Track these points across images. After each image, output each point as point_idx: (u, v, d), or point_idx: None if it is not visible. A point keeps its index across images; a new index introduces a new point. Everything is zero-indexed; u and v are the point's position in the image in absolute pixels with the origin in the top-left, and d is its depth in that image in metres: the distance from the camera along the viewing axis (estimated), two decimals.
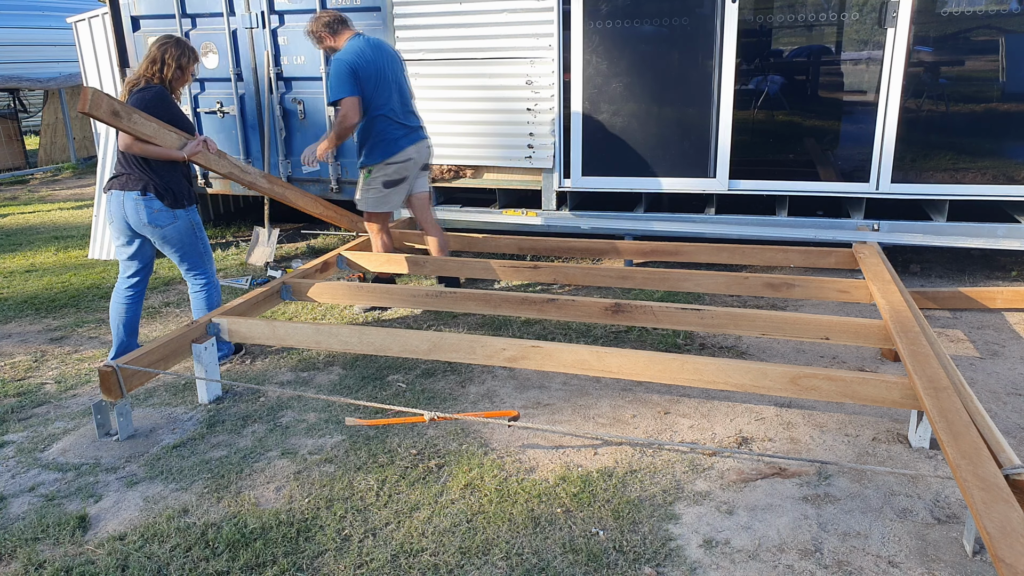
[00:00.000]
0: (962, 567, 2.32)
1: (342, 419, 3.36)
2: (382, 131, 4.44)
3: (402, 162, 4.53)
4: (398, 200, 4.70)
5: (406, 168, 4.57)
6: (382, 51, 4.41)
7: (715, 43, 4.95)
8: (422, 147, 4.63)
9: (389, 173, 4.54)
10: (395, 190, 4.62)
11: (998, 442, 2.38)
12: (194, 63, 3.84)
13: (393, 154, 4.49)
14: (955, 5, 4.58)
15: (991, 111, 4.71)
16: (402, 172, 4.57)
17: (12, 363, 4.20)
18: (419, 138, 4.60)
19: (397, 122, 4.46)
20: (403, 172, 4.57)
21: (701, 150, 5.18)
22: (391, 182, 4.57)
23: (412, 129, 4.56)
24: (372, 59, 4.32)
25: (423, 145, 4.64)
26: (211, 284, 3.99)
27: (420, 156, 4.63)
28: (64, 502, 2.83)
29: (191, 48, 3.81)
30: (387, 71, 4.40)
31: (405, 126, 4.51)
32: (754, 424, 3.25)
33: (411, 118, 4.57)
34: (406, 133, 4.51)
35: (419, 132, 4.61)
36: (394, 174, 4.55)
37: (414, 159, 4.58)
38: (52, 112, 12.42)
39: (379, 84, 4.36)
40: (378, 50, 4.39)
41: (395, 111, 4.45)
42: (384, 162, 4.51)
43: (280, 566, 2.41)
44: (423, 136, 4.64)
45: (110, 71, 6.55)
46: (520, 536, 2.53)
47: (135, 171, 3.70)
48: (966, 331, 4.20)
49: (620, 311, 3.76)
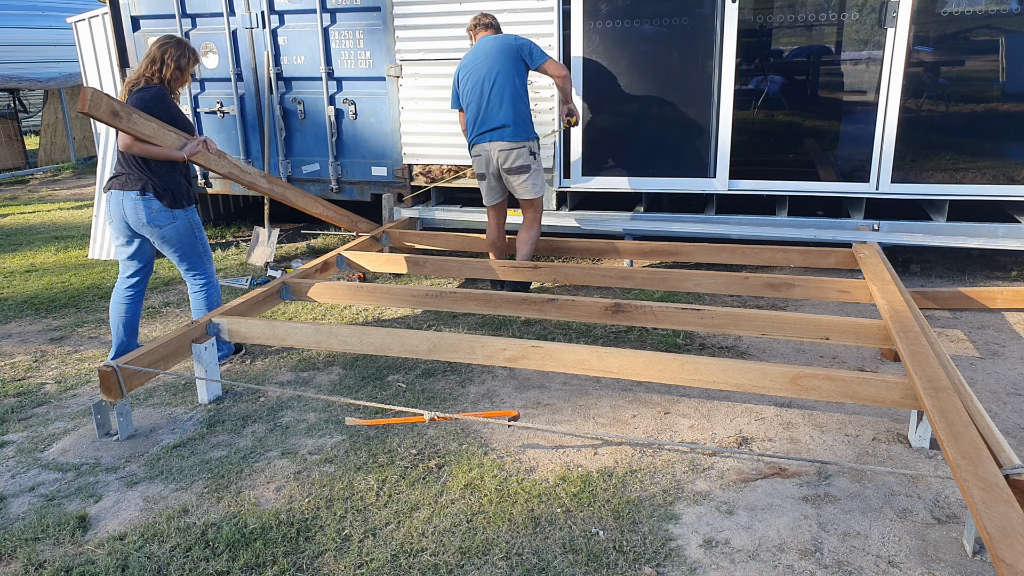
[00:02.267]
0: (962, 567, 2.32)
1: (342, 419, 3.36)
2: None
3: (475, 157, 4.70)
4: (492, 195, 4.79)
5: (480, 164, 4.68)
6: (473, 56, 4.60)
7: (715, 43, 4.95)
8: (492, 148, 4.57)
9: (473, 166, 4.79)
10: (483, 184, 4.78)
11: (998, 442, 2.38)
12: (194, 63, 3.84)
13: (470, 152, 4.74)
14: (955, 5, 4.58)
15: (991, 111, 4.71)
16: (479, 168, 4.70)
17: (12, 363, 4.20)
18: (484, 140, 4.59)
19: (470, 124, 4.65)
20: (480, 168, 4.70)
21: (701, 150, 5.18)
22: (476, 175, 4.81)
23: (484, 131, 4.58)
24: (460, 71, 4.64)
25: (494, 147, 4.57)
26: (211, 284, 3.99)
27: (491, 157, 4.60)
28: (64, 502, 2.83)
29: (191, 48, 3.82)
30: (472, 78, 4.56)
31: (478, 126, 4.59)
32: (754, 424, 3.25)
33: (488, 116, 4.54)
34: (477, 134, 4.62)
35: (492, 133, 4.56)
36: (475, 167, 4.77)
37: (483, 157, 4.63)
38: (52, 112, 12.42)
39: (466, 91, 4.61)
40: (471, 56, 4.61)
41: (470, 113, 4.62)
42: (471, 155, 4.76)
43: (280, 566, 2.41)
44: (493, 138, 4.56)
45: (110, 71, 6.55)
46: (520, 536, 2.53)
47: (134, 171, 3.70)
48: (966, 331, 4.20)
49: (620, 311, 3.76)
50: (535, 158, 4.64)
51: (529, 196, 4.67)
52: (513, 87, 4.49)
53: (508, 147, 4.53)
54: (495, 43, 4.54)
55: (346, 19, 5.65)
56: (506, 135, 4.52)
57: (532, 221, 4.82)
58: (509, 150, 4.53)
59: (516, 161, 4.56)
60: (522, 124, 4.56)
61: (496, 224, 4.96)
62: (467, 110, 4.64)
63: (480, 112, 4.55)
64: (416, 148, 5.73)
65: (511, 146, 4.53)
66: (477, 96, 4.53)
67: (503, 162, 4.57)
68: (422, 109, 5.61)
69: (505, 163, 4.57)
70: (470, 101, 4.59)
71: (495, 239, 5.00)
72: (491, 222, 4.96)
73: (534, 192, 4.67)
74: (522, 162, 4.56)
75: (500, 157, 4.56)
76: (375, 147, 5.87)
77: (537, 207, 4.78)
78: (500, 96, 4.49)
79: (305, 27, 5.77)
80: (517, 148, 4.53)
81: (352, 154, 5.95)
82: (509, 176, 4.62)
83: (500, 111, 4.50)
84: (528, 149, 4.58)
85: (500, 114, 4.50)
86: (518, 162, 4.56)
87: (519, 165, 4.57)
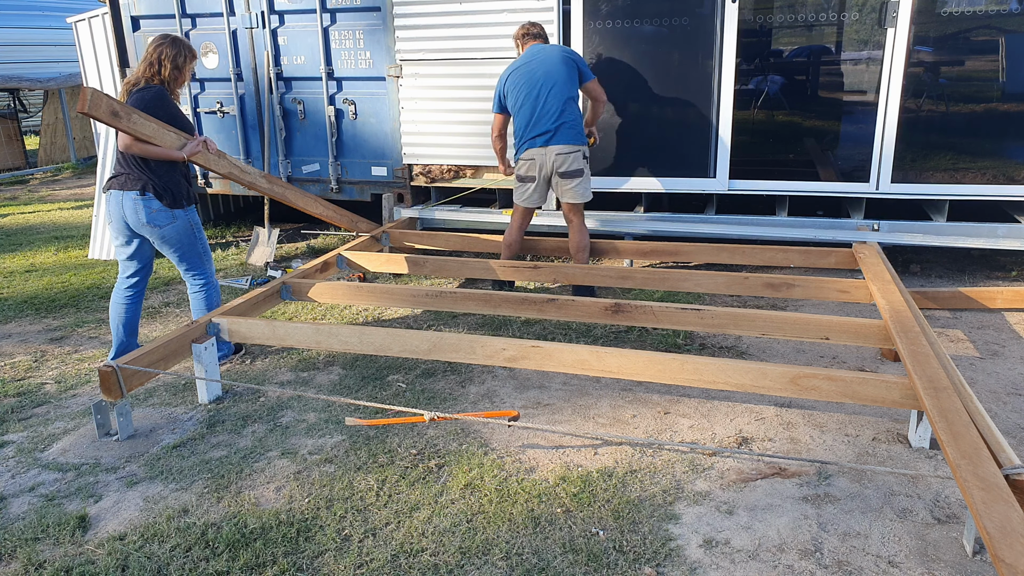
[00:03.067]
0: (962, 567, 2.32)
1: (342, 419, 3.36)
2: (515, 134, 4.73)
3: (527, 160, 4.64)
4: (533, 198, 4.74)
5: (531, 167, 4.63)
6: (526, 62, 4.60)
7: (715, 43, 4.95)
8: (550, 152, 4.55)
9: (519, 168, 4.73)
10: (526, 186, 4.73)
11: (998, 442, 2.38)
12: (191, 61, 3.82)
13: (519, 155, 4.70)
14: (955, 5, 4.58)
15: (991, 111, 4.71)
16: (530, 171, 4.65)
17: (12, 363, 4.20)
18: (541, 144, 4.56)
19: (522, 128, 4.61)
20: (531, 171, 4.65)
21: (701, 150, 5.18)
22: (521, 177, 4.74)
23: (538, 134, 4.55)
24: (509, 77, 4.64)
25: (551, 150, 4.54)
26: (210, 284, 3.99)
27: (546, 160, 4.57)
28: (64, 502, 2.83)
29: (187, 46, 3.80)
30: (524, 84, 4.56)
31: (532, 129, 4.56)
32: (754, 424, 3.25)
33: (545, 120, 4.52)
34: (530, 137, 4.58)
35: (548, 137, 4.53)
36: (522, 170, 4.72)
37: (537, 160, 4.59)
38: (52, 112, 12.42)
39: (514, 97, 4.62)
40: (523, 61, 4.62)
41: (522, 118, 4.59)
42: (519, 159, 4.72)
43: (280, 566, 2.41)
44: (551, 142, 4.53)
45: (110, 71, 6.55)
46: (520, 536, 2.53)
47: (134, 171, 3.70)
48: (966, 331, 4.20)
49: (620, 311, 3.76)
50: (587, 162, 4.64)
51: (578, 200, 4.66)
52: (570, 94, 4.51)
53: (566, 151, 4.52)
54: (553, 51, 4.57)
55: (346, 19, 5.65)
56: (564, 138, 4.52)
57: (582, 226, 4.80)
58: (567, 154, 4.52)
59: (572, 165, 4.55)
60: (578, 129, 4.56)
61: (520, 226, 4.93)
62: (518, 114, 4.61)
63: (535, 115, 4.52)
64: (416, 148, 5.73)
65: (569, 150, 4.52)
66: (532, 100, 4.51)
67: (559, 165, 4.54)
68: (422, 109, 5.61)
69: (561, 167, 4.55)
70: (522, 105, 4.57)
71: (513, 241, 4.96)
72: (516, 223, 4.92)
73: (583, 196, 4.66)
74: (577, 166, 4.56)
75: (557, 161, 4.53)
76: (375, 147, 5.87)
77: (580, 211, 4.78)
78: (559, 101, 4.48)
79: (305, 27, 5.77)
80: (574, 152, 4.54)
81: (352, 154, 5.95)
82: (562, 180, 4.59)
83: (558, 115, 4.49)
84: (582, 153, 4.58)
85: (558, 118, 4.49)
86: (574, 166, 4.55)
87: (574, 169, 4.56)
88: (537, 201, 4.78)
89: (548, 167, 4.59)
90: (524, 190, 4.75)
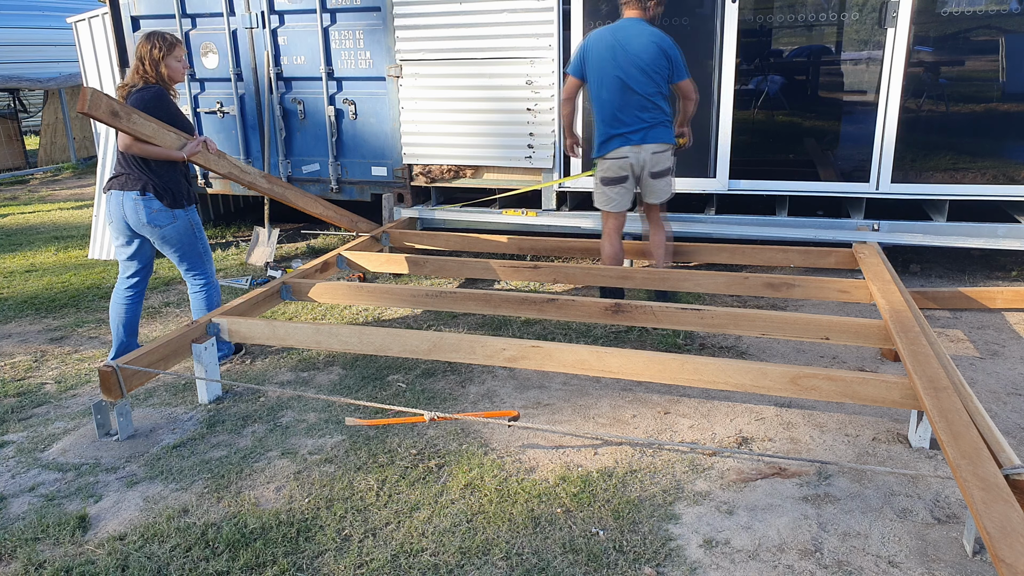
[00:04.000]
0: (962, 567, 2.32)
1: (342, 419, 3.36)
2: (595, 125, 4.35)
3: (618, 159, 4.28)
4: (622, 200, 4.39)
5: (622, 167, 4.29)
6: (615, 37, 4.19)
7: (715, 43, 4.95)
8: (646, 150, 4.24)
9: (605, 170, 4.35)
10: (615, 188, 4.36)
11: (998, 442, 2.38)
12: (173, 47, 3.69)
13: (604, 152, 4.32)
14: (955, 5, 4.58)
15: (991, 111, 4.71)
16: (621, 171, 4.30)
17: (12, 363, 4.20)
18: (636, 141, 4.23)
19: (607, 119, 4.25)
20: (622, 171, 4.30)
21: (701, 150, 5.17)
22: (608, 180, 4.36)
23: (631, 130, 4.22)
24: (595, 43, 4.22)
25: (647, 148, 4.23)
26: (211, 284, 3.99)
27: (641, 159, 4.26)
28: (64, 502, 2.83)
29: (160, 35, 3.68)
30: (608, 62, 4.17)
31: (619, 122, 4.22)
32: (754, 424, 3.25)
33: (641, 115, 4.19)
34: (619, 132, 4.25)
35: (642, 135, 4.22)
36: (609, 171, 4.34)
37: (630, 159, 4.27)
38: (52, 112, 12.42)
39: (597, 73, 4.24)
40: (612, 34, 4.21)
41: (605, 106, 4.24)
42: (601, 157, 4.36)
43: (280, 566, 2.41)
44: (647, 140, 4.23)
45: (110, 71, 6.55)
46: (520, 536, 2.53)
47: (134, 171, 3.70)
48: (966, 331, 4.20)
49: (620, 311, 3.76)
50: (674, 159, 4.38)
51: (662, 200, 4.42)
52: (661, 89, 4.20)
53: (660, 149, 4.24)
54: (648, 37, 4.15)
55: (346, 19, 5.65)
56: (659, 136, 4.23)
57: (663, 224, 4.56)
58: (660, 152, 4.25)
59: (664, 164, 4.29)
60: (669, 127, 4.30)
61: (618, 233, 4.52)
62: (599, 101, 4.25)
63: (623, 108, 4.18)
64: (416, 148, 5.73)
65: (663, 148, 4.25)
66: (620, 90, 4.15)
67: (653, 165, 4.26)
68: (422, 109, 5.61)
69: (656, 166, 4.27)
70: (605, 92, 4.20)
71: (615, 251, 4.54)
72: (613, 232, 4.51)
73: (665, 195, 4.41)
74: (669, 164, 4.32)
75: (651, 160, 4.24)
76: (375, 147, 5.87)
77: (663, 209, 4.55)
78: (650, 95, 4.17)
79: (305, 27, 5.77)
80: (665, 151, 4.27)
81: (352, 154, 5.95)
82: (653, 180, 4.31)
83: (651, 110, 4.19)
84: (671, 152, 4.33)
85: (651, 113, 4.19)
86: (667, 164, 4.30)
87: (666, 168, 4.31)
88: (626, 205, 4.42)
89: (641, 166, 4.28)
90: (612, 194, 4.36)
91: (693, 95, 4.39)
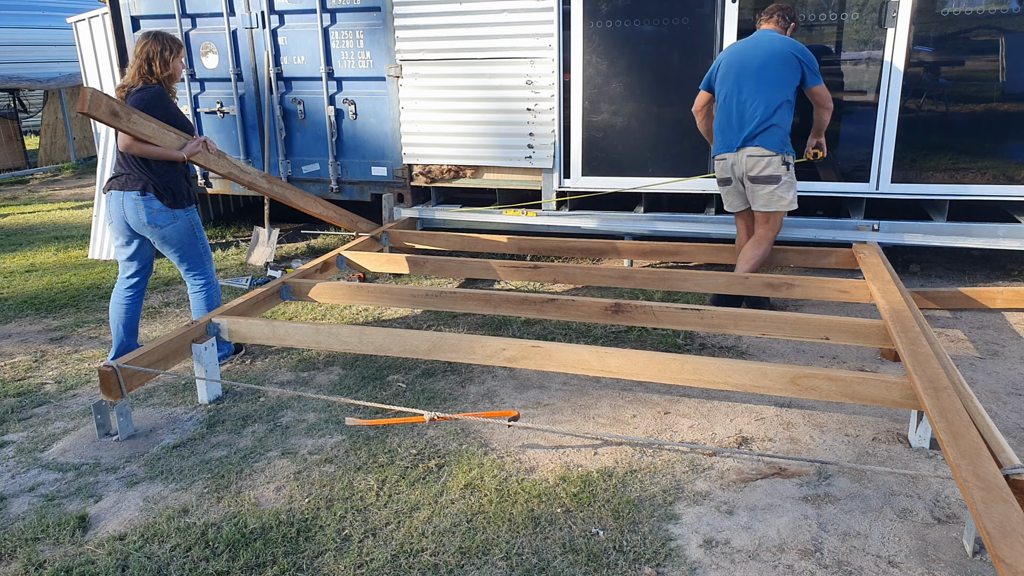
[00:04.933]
0: (962, 567, 2.32)
1: (342, 419, 3.36)
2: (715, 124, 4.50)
3: (719, 161, 4.45)
4: (732, 202, 4.53)
5: (724, 168, 4.43)
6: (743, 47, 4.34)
7: (715, 43, 4.95)
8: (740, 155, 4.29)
9: (715, 171, 4.54)
10: (724, 190, 4.54)
11: (998, 442, 2.38)
12: (177, 51, 3.74)
13: (713, 154, 4.52)
14: (955, 5, 4.58)
15: (991, 111, 4.71)
16: (722, 172, 4.46)
17: (12, 363, 4.20)
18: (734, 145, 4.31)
19: (719, 123, 4.41)
20: (723, 172, 4.45)
21: (701, 150, 5.17)
22: (718, 180, 4.55)
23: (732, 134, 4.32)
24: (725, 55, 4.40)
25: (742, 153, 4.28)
26: (210, 284, 3.99)
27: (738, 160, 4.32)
28: (64, 502, 2.83)
29: (171, 38, 3.73)
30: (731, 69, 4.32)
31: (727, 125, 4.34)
32: (754, 424, 3.25)
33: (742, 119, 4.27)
34: (724, 137, 4.38)
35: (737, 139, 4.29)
36: (717, 173, 4.52)
37: (727, 161, 4.38)
38: (52, 112, 12.42)
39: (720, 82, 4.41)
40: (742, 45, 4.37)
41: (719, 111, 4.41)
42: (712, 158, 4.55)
43: (280, 566, 2.41)
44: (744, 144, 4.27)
45: (110, 71, 6.55)
46: (520, 536, 2.53)
47: (134, 171, 3.70)
48: (966, 331, 4.20)
49: (620, 311, 3.76)
50: (788, 169, 4.27)
51: (770, 209, 4.32)
52: (781, 96, 4.20)
53: (758, 154, 4.23)
54: (775, 44, 4.22)
55: (346, 19, 5.65)
56: (760, 142, 4.23)
57: (763, 238, 4.43)
58: (759, 157, 4.23)
59: (765, 170, 4.24)
60: (779, 136, 4.24)
61: (747, 230, 4.63)
62: (719, 109, 4.40)
63: (733, 115, 4.29)
64: (416, 148, 5.73)
65: (762, 153, 4.23)
66: (736, 97, 4.27)
67: (749, 168, 4.28)
68: (422, 109, 5.61)
69: (752, 170, 4.27)
70: (725, 99, 4.34)
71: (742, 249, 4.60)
72: (740, 229, 4.69)
73: (776, 205, 4.31)
74: (771, 172, 4.25)
75: (748, 164, 4.27)
76: (375, 147, 5.87)
77: (773, 224, 4.40)
78: (763, 102, 4.20)
79: (305, 27, 5.77)
80: (768, 157, 4.22)
81: (352, 154, 5.95)
82: (753, 185, 4.31)
83: (758, 118, 4.21)
84: (780, 159, 4.24)
85: (757, 121, 4.21)
86: (767, 171, 4.25)
87: (767, 175, 4.26)
88: (738, 205, 4.52)
89: (739, 170, 4.34)
90: (723, 194, 4.57)
91: (826, 103, 4.33)
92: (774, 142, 4.22)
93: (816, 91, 4.28)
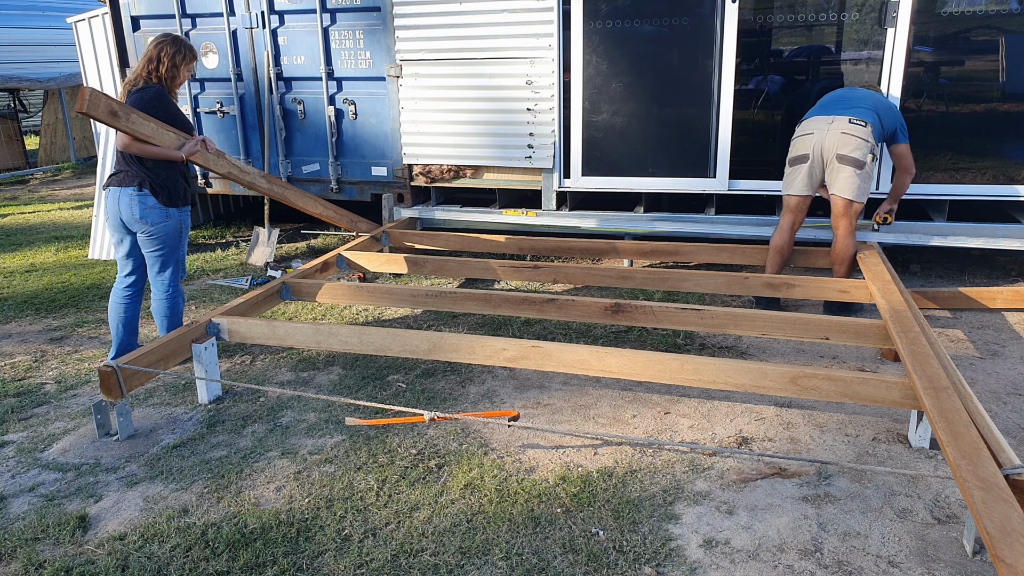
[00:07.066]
0: (962, 567, 2.32)
1: (342, 419, 3.36)
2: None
3: (803, 135, 4.21)
4: (803, 184, 4.22)
5: (805, 144, 4.16)
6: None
7: (715, 43, 4.95)
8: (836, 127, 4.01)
9: (791, 148, 4.29)
10: (795, 168, 4.25)
11: (998, 442, 2.38)
12: (191, 60, 3.80)
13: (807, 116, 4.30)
14: (955, 5, 4.58)
15: (991, 111, 4.71)
16: (803, 148, 4.16)
17: (12, 363, 4.20)
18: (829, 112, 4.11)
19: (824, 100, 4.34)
20: (803, 148, 4.16)
21: (701, 150, 5.18)
22: (791, 159, 4.28)
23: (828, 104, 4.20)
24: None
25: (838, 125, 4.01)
26: (176, 291, 3.91)
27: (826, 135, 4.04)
28: (64, 502, 2.83)
29: (188, 46, 3.79)
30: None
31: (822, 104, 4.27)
32: (754, 424, 3.25)
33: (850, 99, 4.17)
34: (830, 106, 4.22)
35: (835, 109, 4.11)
36: (793, 150, 4.27)
37: (816, 135, 4.11)
38: (52, 112, 12.42)
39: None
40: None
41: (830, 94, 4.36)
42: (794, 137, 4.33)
43: (280, 566, 2.41)
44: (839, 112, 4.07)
45: (110, 71, 6.55)
46: (520, 536, 2.53)
47: (133, 168, 3.71)
48: (966, 331, 4.19)
49: (620, 311, 3.76)
50: (873, 159, 4.08)
51: (848, 196, 4.07)
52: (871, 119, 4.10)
53: (854, 132, 3.97)
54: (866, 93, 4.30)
55: (346, 19, 5.65)
56: (862, 117, 4.02)
57: (848, 233, 4.20)
58: (853, 136, 3.96)
59: (855, 151, 3.97)
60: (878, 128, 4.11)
61: (792, 226, 4.39)
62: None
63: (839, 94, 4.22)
64: (416, 148, 5.73)
65: (860, 132, 3.97)
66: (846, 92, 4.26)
67: (840, 146, 3.98)
68: (422, 109, 5.61)
69: (843, 148, 3.98)
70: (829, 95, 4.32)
71: (783, 244, 4.40)
72: (786, 221, 4.36)
73: (854, 193, 4.05)
74: (860, 155, 3.97)
75: (840, 141, 3.98)
76: (375, 147, 5.87)
77: (851, 216, 4.15)
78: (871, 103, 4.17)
79: (305, 27, 5.77)
80: (864, 140, 3.98)
81: (352, 154, 5.95)
82: (838, 164, 4.01)
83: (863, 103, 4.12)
84: (870, 147, 4.03)
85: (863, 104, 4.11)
86: (856, 153, 3.97)
87: (855, 157, 3.98)
88: (807, 189, 4.18)
89: (826, 146, 4.03)
90: (789, 172, 4.27)
91: (910, 168, 4.24)
92: (875, 128, 4.09)
93: (900, 150, 4.26)
